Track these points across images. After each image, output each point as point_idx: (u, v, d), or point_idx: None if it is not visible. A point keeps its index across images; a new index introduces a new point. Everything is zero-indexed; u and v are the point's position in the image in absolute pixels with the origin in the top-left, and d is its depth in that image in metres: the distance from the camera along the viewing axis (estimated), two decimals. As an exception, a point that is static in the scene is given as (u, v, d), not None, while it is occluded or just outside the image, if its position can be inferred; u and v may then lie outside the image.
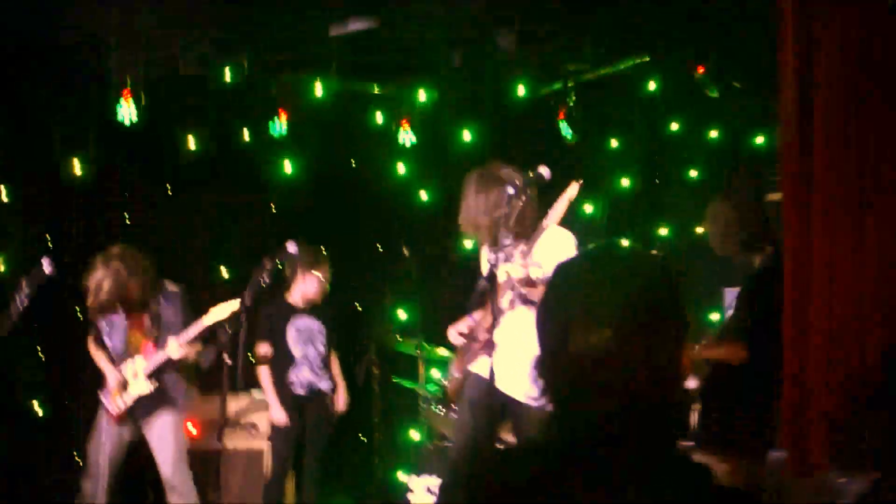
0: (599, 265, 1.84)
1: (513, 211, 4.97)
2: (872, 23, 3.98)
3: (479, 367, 5.28)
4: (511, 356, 5.00)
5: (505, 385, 4.90)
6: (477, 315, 5.37)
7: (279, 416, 7.26)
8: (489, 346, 5.15)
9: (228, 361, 5.66)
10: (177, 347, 6.51)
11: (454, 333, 5.41)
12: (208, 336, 6.47)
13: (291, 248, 6.06)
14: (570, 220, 5.23)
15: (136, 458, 6.92)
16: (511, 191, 4.94)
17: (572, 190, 5.06)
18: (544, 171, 4.96)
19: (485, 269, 5.43)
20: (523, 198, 4.97)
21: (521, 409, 5.16)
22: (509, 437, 5.95)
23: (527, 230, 5.07)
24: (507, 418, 5.31)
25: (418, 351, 7.58)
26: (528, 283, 4.92)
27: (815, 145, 3.96)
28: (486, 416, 5.20)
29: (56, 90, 7.55)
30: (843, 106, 3.98)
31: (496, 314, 4.80)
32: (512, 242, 4.91)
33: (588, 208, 8.76)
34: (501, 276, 4.93)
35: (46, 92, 7.54)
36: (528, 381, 5.12)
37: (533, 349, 5.10)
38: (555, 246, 5.17)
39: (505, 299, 5.08)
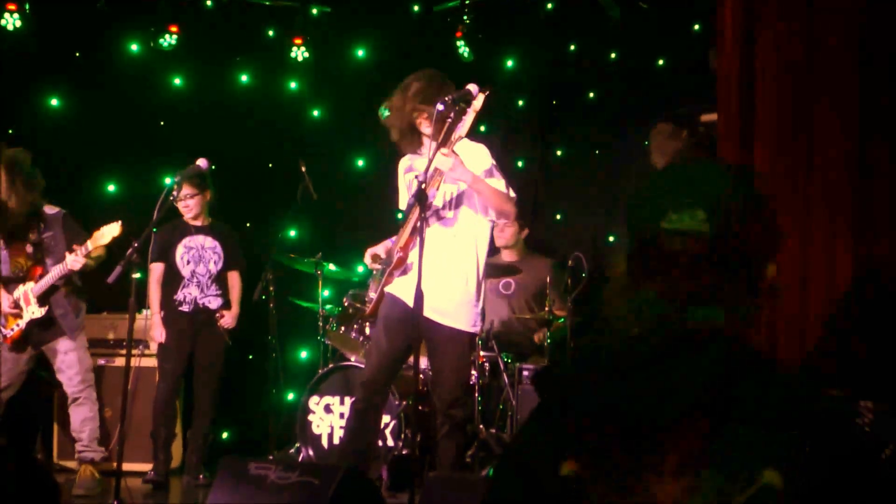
0: (690, 165, 1.89)
1: (440, 125, 5.05)
2: (811, 18, 4.02)
3: (395, 287, 5.28)
4: (433, 279, 4.99)
5: (426, 307, 4.88)
6: (394, 237, 5.34)
7: (157, 334, 7.17)
8: (404, 266, 5.21)
9: (136, 276, 5.53)
10: (62, 268, 6.47)
11: (370, 256, 5.38)
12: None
13: (202, 163, 5.91)
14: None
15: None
16: (440, 107, 4.97)
17: (478, 102, 5.06)
18: (472, 87, 5.01)
19: (402, 181, 5.48)
20: (452, 114, 5.01)
21: (440, 332, 5.20)
22: (423, 360, 5.96)
23: (447, 145, 5.09)
24: (423, 340, 5.30)
25: (318, 271, 7.53)
26: (456, 173, 4.99)
27: (755, 139, 4.00)
28: (403, 338, 5.21)
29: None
30: (785, 98, 4.01)
31: (420, 233, 4.77)
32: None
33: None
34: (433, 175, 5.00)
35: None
36: (452, 306, 5.18)
37: (454, 272, 5.14)
38: (471, 158, 5.20)
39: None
